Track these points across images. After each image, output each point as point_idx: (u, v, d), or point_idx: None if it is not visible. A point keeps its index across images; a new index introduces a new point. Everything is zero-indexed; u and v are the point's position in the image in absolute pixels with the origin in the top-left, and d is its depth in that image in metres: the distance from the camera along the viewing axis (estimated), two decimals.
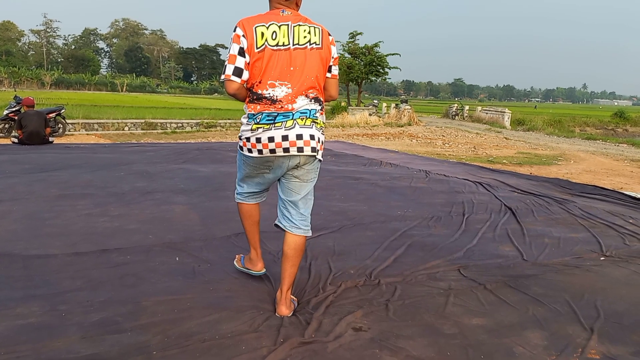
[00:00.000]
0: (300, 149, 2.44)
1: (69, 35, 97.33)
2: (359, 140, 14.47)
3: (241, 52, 2.38)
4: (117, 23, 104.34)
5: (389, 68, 29.93)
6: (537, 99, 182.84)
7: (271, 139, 2.42)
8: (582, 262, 3.53)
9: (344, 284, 2.97)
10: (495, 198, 5.65)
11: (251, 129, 2.45)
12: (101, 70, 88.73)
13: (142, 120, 17.12)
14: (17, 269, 2.99)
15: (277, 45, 2.39)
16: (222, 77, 2.40)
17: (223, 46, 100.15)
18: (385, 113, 26.67)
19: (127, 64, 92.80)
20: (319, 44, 2.48)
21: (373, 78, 31.13)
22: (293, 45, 2.42)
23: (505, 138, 17.72)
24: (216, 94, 74.00)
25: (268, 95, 2.41)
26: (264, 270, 2.94)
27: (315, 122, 2.49)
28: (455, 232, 4.22)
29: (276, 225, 2.66)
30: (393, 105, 27.49)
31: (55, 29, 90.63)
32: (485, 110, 29.56)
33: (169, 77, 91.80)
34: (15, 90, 30.13)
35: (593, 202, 5.68)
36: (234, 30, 2.40)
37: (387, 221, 4.51)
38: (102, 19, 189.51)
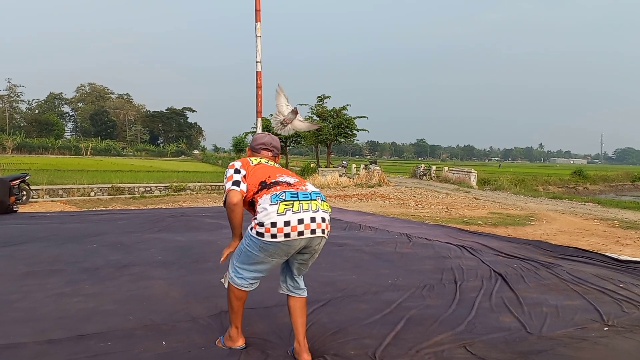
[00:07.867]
0: (323, 231, 2.66)
1: (33, 99, 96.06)
2: (332, 202, 14.38)
3: (236, 171, 2.77)
4: (82, 87, 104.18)
5: (357, 130, 30.45)
6: (496, 158, 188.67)
7: (300, 221, 2.56)
8: (587, 334, 3.42)
9: None
10: (483, 263, 5.57)
11: (277, 211, 2.54)
12: (65, 134, 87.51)
13: (109, 185, 16.66)
14: None
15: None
16: (224, 198, 2.71)
17: (190, 109, 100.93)
18: (355, 174, 26.90)
19: (92, 127, 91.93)
20: None
21: (342, 140, 31.57)
22: None
23: (475, 198, 17.98)
24: (183, 156, 73.77)
25: (282, 180, 2.72)
26: (244, 344, 2.92)
27: (328, 207, 2.74)
28: (452, 302, 4.07)
29: (282, 291, 2.91)
30: (362, 166, 27.81)
31: (19, 93, 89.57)
32: (452, 170, 30.24)
33: (135, 140, 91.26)
34: None
35: (578, 265, 5.66)
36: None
37: (379, 292, 4.33)
38: (67, 83, 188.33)
